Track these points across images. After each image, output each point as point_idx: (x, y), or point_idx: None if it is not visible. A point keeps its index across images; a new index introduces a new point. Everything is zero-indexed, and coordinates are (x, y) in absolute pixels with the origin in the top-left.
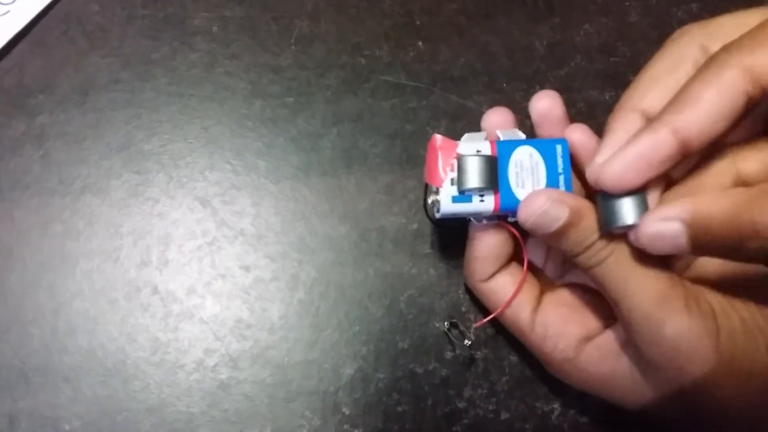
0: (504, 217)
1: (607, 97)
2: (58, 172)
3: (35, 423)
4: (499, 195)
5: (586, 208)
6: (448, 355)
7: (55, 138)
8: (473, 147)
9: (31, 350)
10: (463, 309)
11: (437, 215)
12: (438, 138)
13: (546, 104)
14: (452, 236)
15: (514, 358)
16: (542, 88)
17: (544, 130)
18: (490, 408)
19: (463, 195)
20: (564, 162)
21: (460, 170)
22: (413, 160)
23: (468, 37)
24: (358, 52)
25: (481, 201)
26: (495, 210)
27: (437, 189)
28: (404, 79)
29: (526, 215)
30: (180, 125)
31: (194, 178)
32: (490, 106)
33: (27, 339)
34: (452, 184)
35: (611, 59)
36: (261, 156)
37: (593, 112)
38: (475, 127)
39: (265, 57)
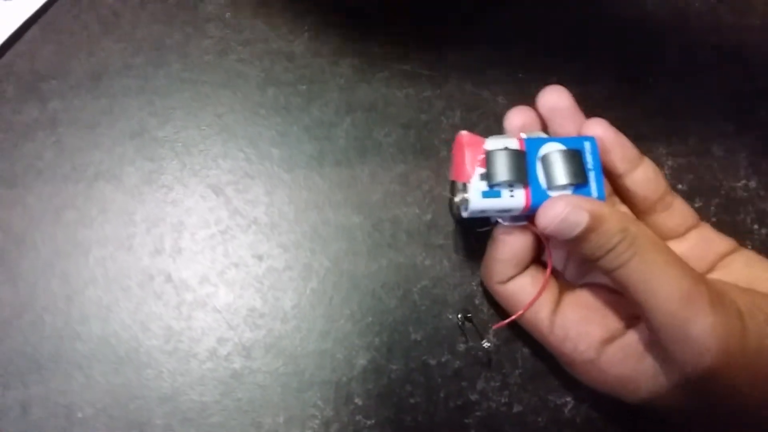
0: (531, 217)
1: (623, 88)
2: (71, 158)
3: (48, 410)
4: (529, 190)
5: (607, 211)
6: (461, 347)
7: (68, 124)
8: (501, 143)
9: (44, 337)
10: (477, 301)
11: (465, 213)
12: (464, 134)
13: (552, 98)
14: (466, 227)
15: (526, 351)
16: (559, 77)
17: (556, 125)
18: (503, 401)
19: (493, 190)
20: (593, 158)
21: (489, 164)
22: (427, 150)
23: (484, 26)
24: (372, 39)
25: (512, 196)
26: (526, 206)
27: (464, 187)
28: (419, 67)
29: (546, 222)
30: (193, 112)
31: (207, 165)
32: (506, 96)
33: (40, 326)
34: (481, 179)
35: (629, 49)
36: (274, 144)
37: (611, 103)
38: (491, 118)
39: (278, 44)
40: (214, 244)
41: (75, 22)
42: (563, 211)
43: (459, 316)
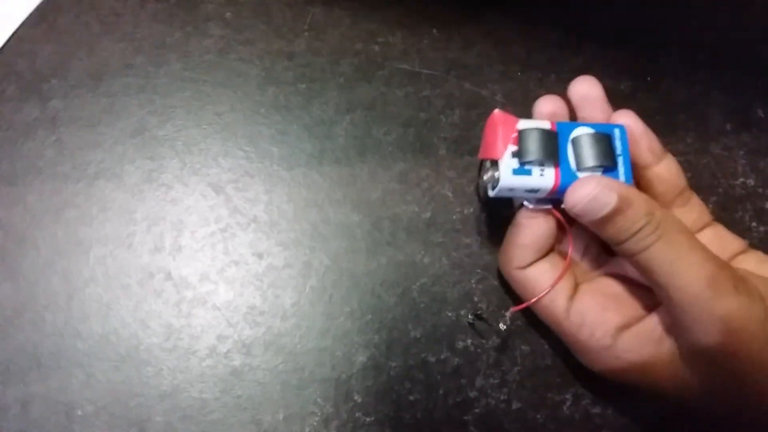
0: (556, 201)
1: (622, 87)
2: (72, 157)
3: (48, 408)
4: (559, 170)
5: (635, 195)
6: (460, 344)
7: (68, 123)
8: (533, 123)
9: (44, 335)
10: (476, 299)
11: (492, 192)
12: (498, 112)
13: (584, 87)
14: (466, 225)
15: (526, 348)
16: (558, 76)
17: (586, 114)
18: (502, 398)
19: (524, 168)
20: (623, 145)
21: (522, 142)
22: (427, 149)
23: (483, 25)
24: (371, 39)
25: (542, 175)
26: (555, 186)
27: (494, 165)
28: (418, 66)
29: (574, 200)
30: (193, 111)
31: (207, 164)
32: (505, 95)
33: (40, 324)
34: (512, 156)
35: (628, 47)
36: (274, 143)
37: (610, 101)
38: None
39: (278, 43)
40: (214, 242)
41: (75, 21)
42: (594, 189)
43: (470, 315)
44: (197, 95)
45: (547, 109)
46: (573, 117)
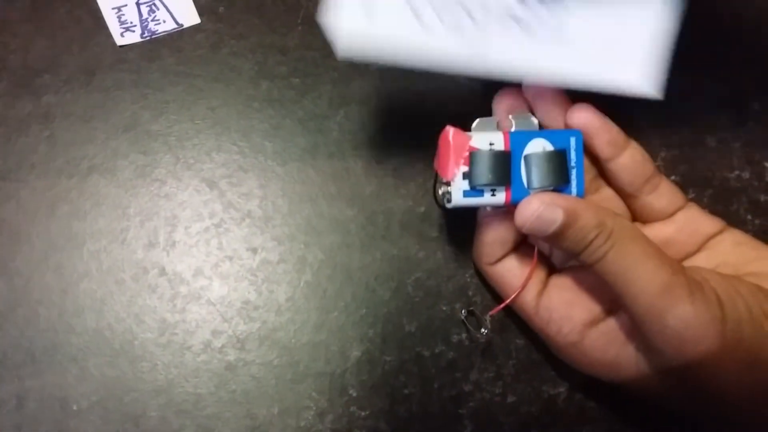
0: (514, 206)
1: None
2: (65, 152)
3: (43, 403)
4: (510, 190)
5: (582, 208)
6: (455, 338)
7: (61, 118)
8: (486, 139)
9: (39, 330)
10: (470, 293)
11: (448, 206)
12: (450, 131)
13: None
14: (460, 220)
15: (520, 342)
16: None
17: (542, 111)
18: (497, 391)
19: (475, 190)
20: (577, 155)
21: (473, 165)
22: (421, 143)
23: None
24: None
25: (492, 195)
26: (506, 203)
27: (448, 181)
28: None
29: (521, 221)
30: (186, 106)
31: (201, 159)
32: (499, 89)
33: (34, 319)
34: (464, 178)
35: None
36: (268, 137)
37: (604, 94)
38: (484, 112)
39: (271, 37)
40: (208, 237)
41: (68, 16)
42: (538, 208)
43: (463, 312)
44: (190, 90)
45: (504, 105)
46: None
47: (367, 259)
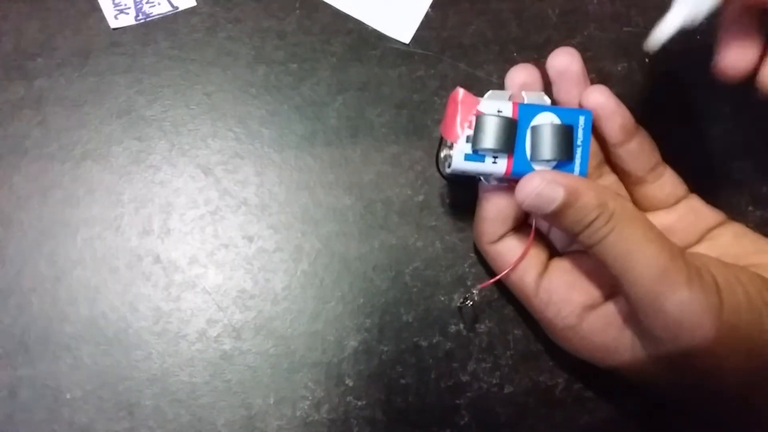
0: (515, 180)
1: (619, 68)
2: (58, 137)
3: (36, 392)
4: (512, 159)
5: (585, 187)
6: (453, 328)
7: (54, 102)
8: (495, 106)
9: (32, 319)
10: (469, 283)
11: (447, 170)
12: (460, 92)
13: (563, 61)
14: (459, 208)
15: (518, 332)
16: None
17: (562, 89)
18: (494, 382)
19: (477, 154)
20: (585, 134)
21: (477, 128)
22: (420, 131)
23: (478, 4)
24: None
25: (494, 163)
26: (506, 174)
27: (451, 144)
28: (412, 46)
29: (522, 197)
30: (182, 91)
31: (196, 145)
32: (500, 75)
33: (27, 307)
34: (467, 141)
35: (624, 29)
36: (265, 124)
37: (606, 83)
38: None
39: (269, 22)
40: (204, 224)
41: None
42: (539, 185)
43: (460, 302)
44: (185, 75)
45: (519, 79)
46: (548, 89)
47: (364, 248)
